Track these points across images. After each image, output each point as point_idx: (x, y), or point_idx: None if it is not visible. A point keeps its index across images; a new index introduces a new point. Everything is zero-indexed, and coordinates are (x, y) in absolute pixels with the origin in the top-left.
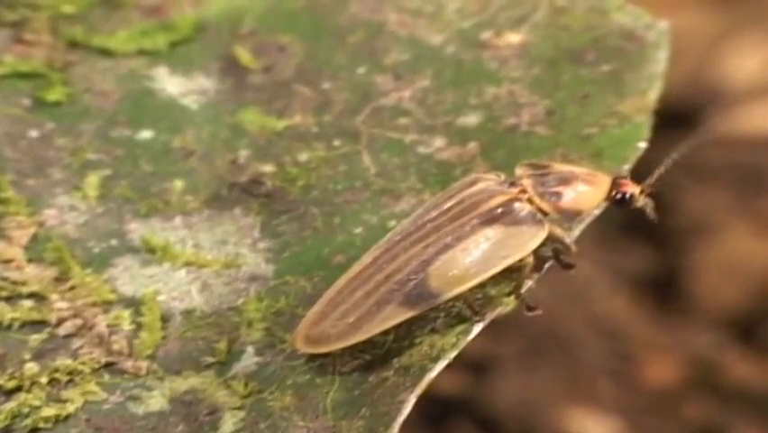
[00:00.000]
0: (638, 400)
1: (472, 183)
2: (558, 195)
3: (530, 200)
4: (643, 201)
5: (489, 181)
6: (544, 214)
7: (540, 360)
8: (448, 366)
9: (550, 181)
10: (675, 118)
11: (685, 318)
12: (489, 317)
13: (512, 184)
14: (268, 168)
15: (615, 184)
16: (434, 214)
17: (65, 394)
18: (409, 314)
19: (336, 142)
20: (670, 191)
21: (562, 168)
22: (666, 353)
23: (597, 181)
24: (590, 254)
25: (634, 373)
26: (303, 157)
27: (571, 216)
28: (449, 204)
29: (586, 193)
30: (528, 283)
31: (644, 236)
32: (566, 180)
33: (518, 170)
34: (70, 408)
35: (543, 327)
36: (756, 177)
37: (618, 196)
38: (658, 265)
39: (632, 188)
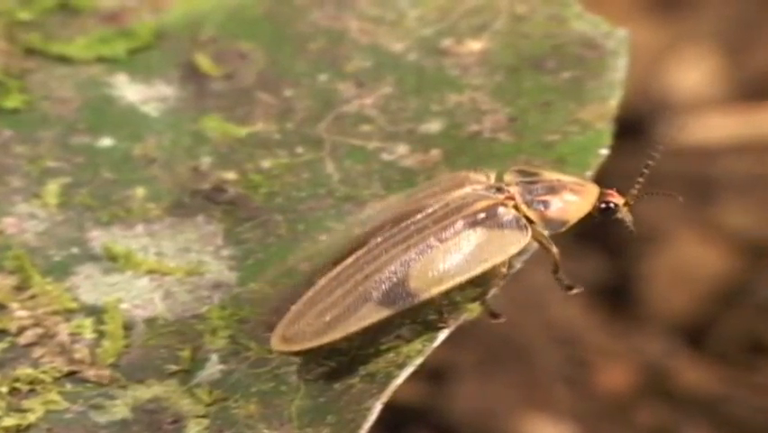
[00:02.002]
0: (593, 405)
1: (459, 184)
2: (545, 204)
3: (516, 207)
4: (624, 213)
5: (476, 185)
6: (530, 222)
7: (497, 368)
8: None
9: (538, 189)
10: (623, 127)
11: (637, 325)
12: (455, 323)
13: (499, 190)
14: (230, 175)
15: (601, 194)
16: (418, 217)
17: (26, 404)
18: (385, 313)
19: (299, 150)
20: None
21: (551, 176)
22: (619, 359)
23: (585, 191)
24: (545, 262)
25: (588, 379)
26: (266, 164)
27: (557, 226)
28: (434, 207)
29: (574, 203)
30: (494, 290)
31: (598, 244)
32: (554, 189)
33: (507, 177)
34: (31, 417)
35: (499, 335)
36: (703, 186)
37: (604, 205)
38: (611, 273)
39: (617, 199)
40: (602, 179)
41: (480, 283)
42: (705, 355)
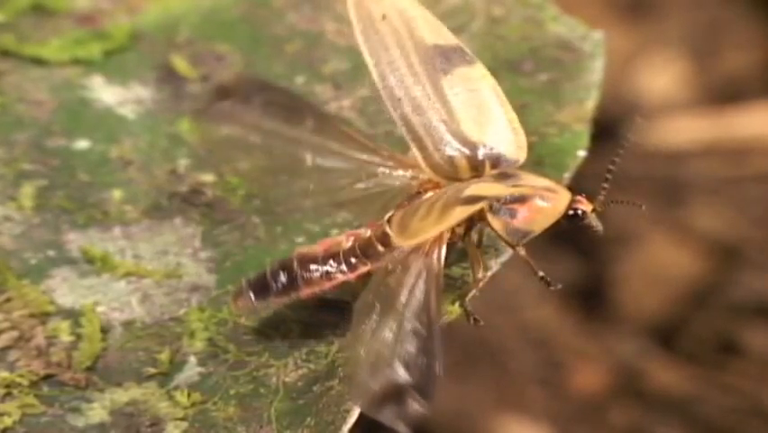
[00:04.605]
0: (567, 406)
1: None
2: (513, 212)
3: (481, 216)
4: (592, 218)
5: None
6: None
7: (471, 369)
8: None
9: (507, 197)
10: (594, 130)
11: (610, 326)
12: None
13: None
14: (208, 177)
15: (571, 201)
16: None
17: (2, 408)
18: None
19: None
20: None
21: (526, 183)
22: (593, 360)
23: (556, 199)
24: (519, 264)
25: (562, 380)
26: (243, 166)
27: (520, 236)
28: None
29: (542, 213)
30: (473, 292)
31: (571, 246)
32: (523, 198)
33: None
34: (8, 421)
35: (474, 337)
36: (672, 188)
37: (572, 213)
38: (584, 274)
39: (586, 206)
40: (574, 181)
41: (458, 286)
42: (676, 356)
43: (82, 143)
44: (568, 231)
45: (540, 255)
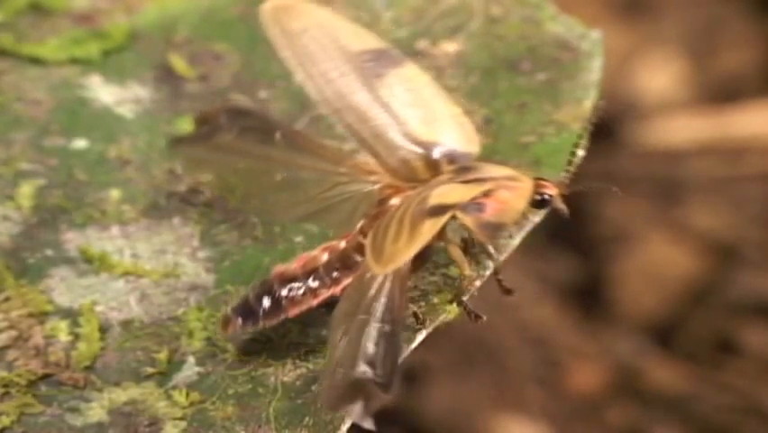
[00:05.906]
0: (565, 405)
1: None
2: (481, 207)
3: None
4: (559, 202)
5: None
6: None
7: (469, 368)
8: None
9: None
10: (593, 129)
11: (608, 325)
12: (432, 325)
13: None
14: (206, 177)
15: (536, 186)
16: None
17: (0, 407)
18: None
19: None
20: (593, 201)
21: (488, 174)
22: (591, 359)
23: (520, 188)
24: (517, 263)
25: (560, 379)
26: (241, 166)
27: (494, 230)
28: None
29: (510, 202)
30: (470, 291)
31: (569, 245)
32: (488, 192)
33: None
34: (5, 421)
35: (471, 336)
36: (670, 187)
37: (539, 198)
38: (582, 273)
39: (552, 190)
40: (571, 180)
41: (456, 285)
42: (674, 355)
43: (80, 143)
44: (566, 230)
45: (538, 254)
